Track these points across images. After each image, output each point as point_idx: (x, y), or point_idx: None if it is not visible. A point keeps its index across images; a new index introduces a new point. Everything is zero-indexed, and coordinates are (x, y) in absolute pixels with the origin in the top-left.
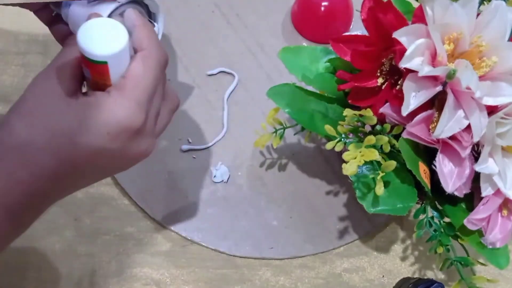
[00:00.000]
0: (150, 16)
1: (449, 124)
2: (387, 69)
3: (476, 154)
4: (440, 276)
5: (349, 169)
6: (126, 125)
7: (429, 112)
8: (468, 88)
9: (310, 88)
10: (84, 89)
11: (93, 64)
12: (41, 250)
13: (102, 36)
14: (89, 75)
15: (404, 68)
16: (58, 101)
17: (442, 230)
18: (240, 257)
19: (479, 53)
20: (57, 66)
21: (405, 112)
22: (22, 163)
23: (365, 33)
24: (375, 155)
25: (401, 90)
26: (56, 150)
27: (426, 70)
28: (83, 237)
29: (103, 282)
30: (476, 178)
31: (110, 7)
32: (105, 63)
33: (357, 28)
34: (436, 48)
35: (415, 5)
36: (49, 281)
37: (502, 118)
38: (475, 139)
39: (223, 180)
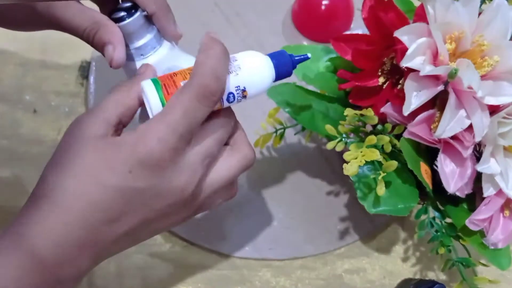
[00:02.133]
0: None
1: (450, 124)
2: (388, 68)
3: (478, 154)
4: (442, 277)
5: (350, 169)
6: (146, 160)
7: (430, 111)
8: (469, 87)
9: (310, 87)
10: None
11: None
12: None
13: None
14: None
15: (406, 67)
16: (86, 144)
17: (444, 231)
18: (240, 257)
19: (481, 52)
20: (91, 110)
21: (406, 111)
22: (52, 211)
23: (366, 32)
24: (376, 155)
25: (402, 90)
26: (85, 194)
27: (427, 69)
28: None
29: (102, 282)
30: (478, 178)
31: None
32: None
33: (358, 27)
34: (438, 47)
35: (417, 4)
36: None
37: (504, 117)
38: (477, 139)
39: None
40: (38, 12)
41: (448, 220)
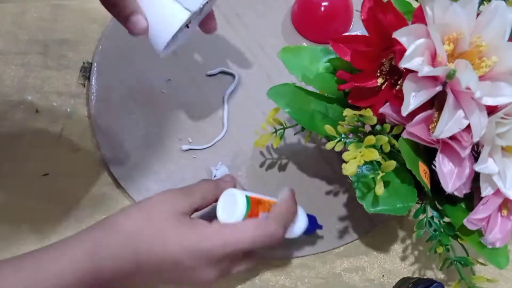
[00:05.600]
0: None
1: (449, 124)
2: (387, 69)
3: (476, 154)
4: (440, 276)
5: (349, 169)
6: (205, 253)
7: (429, 112)
8: (468, 88)
9: (310, 88)
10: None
11: None
12: None
13: (229, 204)
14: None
15: (404, 68)
16: (170, 214)
17: (442, 230)
18: None
19: (479, 53)
20: (188, 191)
21: (405, 112)
22: (124, 245)
23: (365, 33)
24: (375, 155)
25: (401, 90)
26: (147, 250)
27: (426, 70)
28: None
29: None
30: (476, 178)
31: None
32: None
33: (357, 28)
34: (436, 48)
35: (415, 5)
36: None
37: (502, 118)
38: (475, 139)
39: None
40: None
41: (446, 219)
